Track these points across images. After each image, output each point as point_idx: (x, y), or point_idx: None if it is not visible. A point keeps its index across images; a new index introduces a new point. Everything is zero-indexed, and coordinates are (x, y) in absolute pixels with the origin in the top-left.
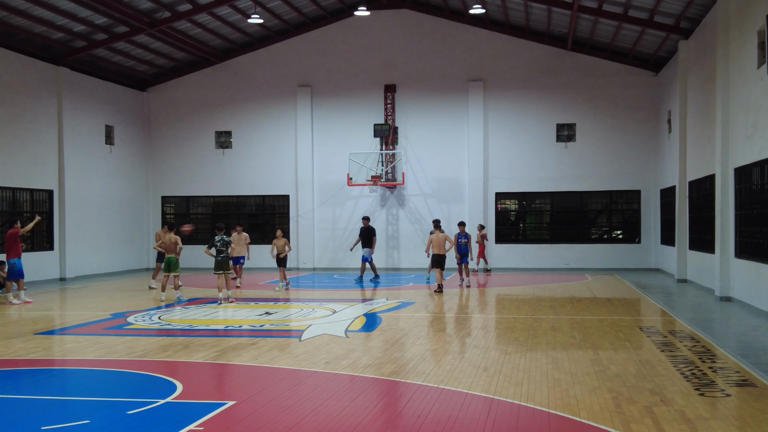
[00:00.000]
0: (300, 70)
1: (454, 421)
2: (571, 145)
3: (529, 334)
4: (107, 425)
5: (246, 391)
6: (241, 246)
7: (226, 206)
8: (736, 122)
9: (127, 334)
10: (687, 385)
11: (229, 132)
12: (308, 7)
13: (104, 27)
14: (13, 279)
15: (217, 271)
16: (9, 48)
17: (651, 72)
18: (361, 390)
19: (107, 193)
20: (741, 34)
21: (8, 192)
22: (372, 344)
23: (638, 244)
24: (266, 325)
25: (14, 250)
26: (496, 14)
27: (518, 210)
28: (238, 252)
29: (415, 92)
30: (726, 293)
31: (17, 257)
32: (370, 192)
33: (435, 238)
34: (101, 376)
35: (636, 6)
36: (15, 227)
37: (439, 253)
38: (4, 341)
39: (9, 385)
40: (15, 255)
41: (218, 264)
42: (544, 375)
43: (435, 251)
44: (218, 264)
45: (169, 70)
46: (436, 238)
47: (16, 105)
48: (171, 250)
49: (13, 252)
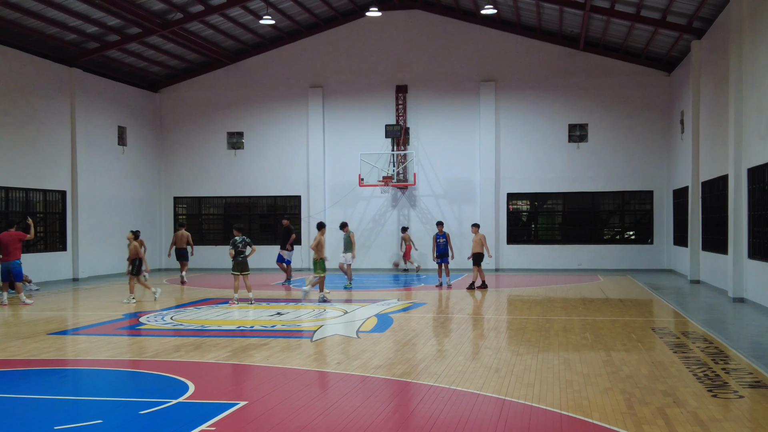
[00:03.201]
0: (311, 70)
1: (465, 422)
2: (583, 146)
3: (541, 335)
4: (119, 425)
5: (258, 391)
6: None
7: (238, 207)
8: (749, 122)
9: (140, 335)
10: (700, 386)
11: (241, 133)
12: (320, 8)
13: (117, 28)
14: (16, 281)
15: (234, 272)
16: (22, 49)
17: (663, 72)
18: (373, 390)
19: (120, 194)
20: (754, 34)
21: (21, 193)
22: (383, 345)
23: (651, 245)
24: (278, 325)
25: (15, 252)
26: (507, 14)
27: (530, 211)
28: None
29: (427, 93)
30: (739, 294)
31: (16, 259)
32: (381, 193)
33: (476, 238)
34: (114, 376)
35: (648, 6)
36: (13, 230)
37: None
38: (18, 341)
39: (22, 385)
40: (14, 257)
41: (236, 265)
42: (556, 376)
43: (475, 250)
44: (236, 265)
45: (182, 71)
46: (478, 239)
47: (29, 106)
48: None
49: (13, 254)
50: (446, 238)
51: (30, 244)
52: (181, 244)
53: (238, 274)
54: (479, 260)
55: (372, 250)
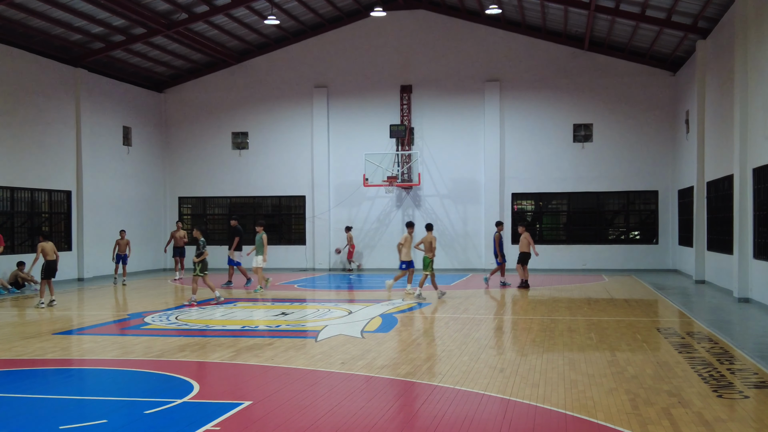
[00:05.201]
0: (316, 71)
1: (470, 422)
2: (588, 146)
3: (546, 335)
4: (124, 425)
5: (262, 391)
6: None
7: (243, 207)
8: (755, 122)
9: (145, 334)
10: (705, 386)
11: (246, 133)
12: (324, 8)
13: (122, 29)
14: None
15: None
16: (28, 50)
17: (669, 72)
18: (377, 390)
19: (125, 194)
20: (759, 33)
21: (27, 193)
22: (388, 345)
23: (656, 245)
24: (282, 325)
25: None
26: (512, 14)
27: (535, 211)
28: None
29: (431, 93)
30: (744, 294)
31: None
32: (386, 193)
33: (522, 238)
34: (118, 375)
35: (653, 5)
36: None
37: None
38: (23, 341)
39: (27, 385)
40: None
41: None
42: (560, 376)
43: (521, 249)
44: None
45: (186, 71)
46: (524, 238)
47: (34, 106)
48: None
49: None
50: (500, 239)
51: (35, 243)
52: (179, 243)
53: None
54: (525, 259)
55: (376, 250)
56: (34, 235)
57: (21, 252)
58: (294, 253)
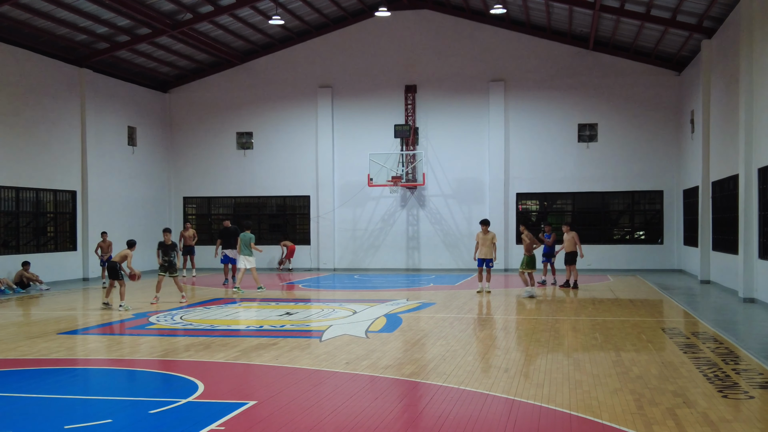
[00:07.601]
0: (321, 71)
1: (474, 422)
2: (592, 146)
3: (551, 336)
4: (129, 424)
5: (267, 391)
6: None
7: (247, 207)
8: (760, 122)
9: (149, 334)
10: (710, 386)
11: (250, 133)
12: (329, 8)
13: (127, 29)
14: None
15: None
16: (33, 50)
17: (674, 71)
18: (382, 390)
19: (129, 194)
20: (765, 33)
21: (32, 193)
22: (392, 345)
23: (661, 245)
24: (287, 325)
25: None
26: (517, 14)
27: (539, 210)
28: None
29: (436, 93)
30: (749, 294)
31: None
32: (390, 193)
33: (569, 237)
34: (123, 375)
35: (658, 5)
36: None
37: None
38: (28, 341)
39: (32, 385)
40: None
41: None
42: (565, 376)
43: (567, 249)
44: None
45: (191, 71)
46: (571, 238)
47: (39, 106)
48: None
49: None
50: (551, 239)
51: (40, 243)
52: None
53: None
54: (572, 259)
55: (381, 250)
56: (39, 235)
57: (26, 252)
58: (298, 253)
